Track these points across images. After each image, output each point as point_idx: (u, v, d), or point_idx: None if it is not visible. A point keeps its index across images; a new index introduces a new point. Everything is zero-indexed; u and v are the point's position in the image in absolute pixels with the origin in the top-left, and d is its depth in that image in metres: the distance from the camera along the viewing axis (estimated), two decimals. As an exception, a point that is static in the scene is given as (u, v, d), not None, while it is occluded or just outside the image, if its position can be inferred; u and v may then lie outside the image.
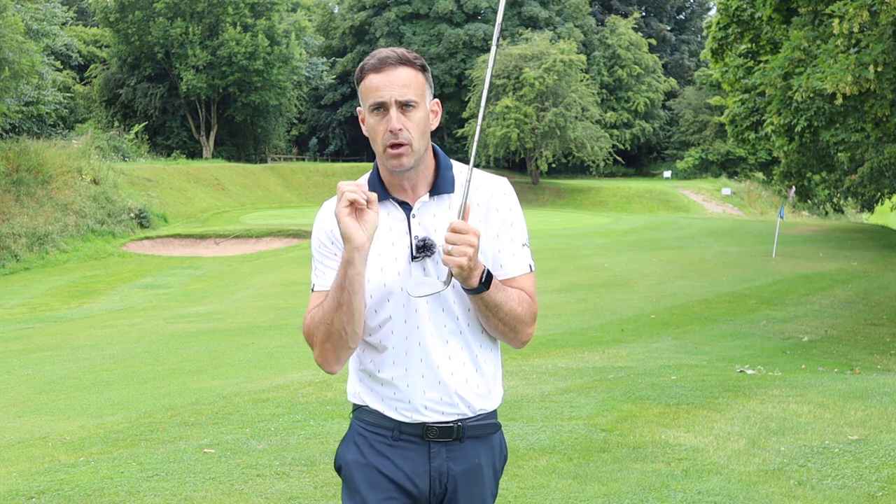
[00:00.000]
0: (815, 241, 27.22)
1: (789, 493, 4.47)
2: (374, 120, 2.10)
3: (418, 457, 2.19)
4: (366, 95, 2.11)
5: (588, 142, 49.45)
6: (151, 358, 10.64)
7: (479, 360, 2.21)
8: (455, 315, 2.16)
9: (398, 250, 2.14)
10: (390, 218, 2.16)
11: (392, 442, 2.20)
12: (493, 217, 2.17)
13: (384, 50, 2.12)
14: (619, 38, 62.55)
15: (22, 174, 29.25)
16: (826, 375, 8.25)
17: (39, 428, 6.59)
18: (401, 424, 2.19)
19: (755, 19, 14.56)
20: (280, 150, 61.28)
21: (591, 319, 12.90)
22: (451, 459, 2.20)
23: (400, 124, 2.06)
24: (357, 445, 2.24)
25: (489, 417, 2.25)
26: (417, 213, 2.16)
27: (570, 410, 6.30)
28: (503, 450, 2.34)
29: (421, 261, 2.13)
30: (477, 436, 2.23)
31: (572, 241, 26.57)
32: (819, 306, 14.56)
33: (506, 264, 2.19)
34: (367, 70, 2.10)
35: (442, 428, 2.18)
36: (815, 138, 15.05)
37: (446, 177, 2.19)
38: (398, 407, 2.19)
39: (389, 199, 2.17)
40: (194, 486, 4.75)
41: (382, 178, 2.19)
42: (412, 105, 2.09)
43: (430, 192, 2.17)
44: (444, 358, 2.16)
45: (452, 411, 2.18)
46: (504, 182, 2.23)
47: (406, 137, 2.07)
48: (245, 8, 48.88)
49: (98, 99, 54.03)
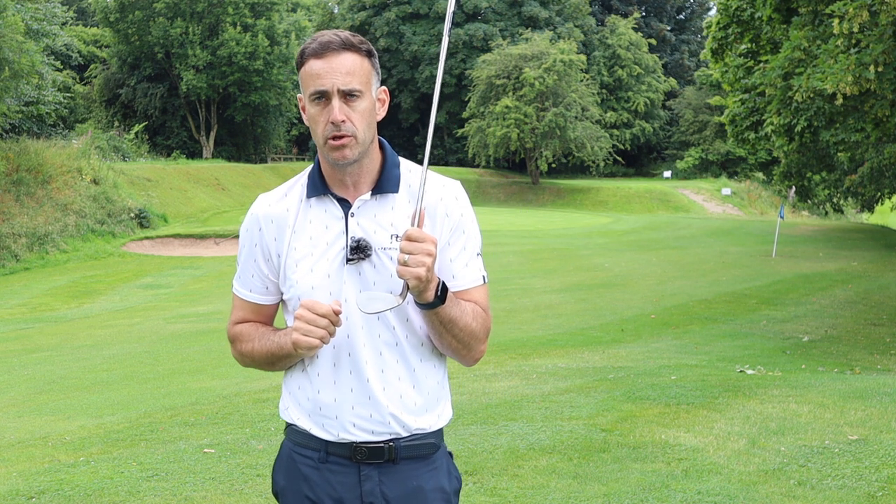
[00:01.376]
0: (815, 241, 27.22)
1: (789, 493, 4.47)
2: (315, 110, 1.93)
3: (348, 480, 2.00)
4: (306, 82, 1.93)
5: (588, 142, 49.45)
6: (151, 358, 10.64)
7: (417, 374, 2.01)
8: (391, 325, 1.97)
9: (332, 251, 1.97)
10: (327, 215, 2.00)
11: (318, 465, 2.02)
12: (442, 223, 1.99)
13: (327, 33, 1.94)
14: (619, 38, 62.55)
15: (22, 174, 29.24)
16: (826, 375, 8.25)
17: (39, 428, 6.59)
18: (328, 444, 2.00)
19: (755, 19, 14.55)
20: (280, 150, 61.28)
21: (591, 319, 12.90)
22: (384, 484, 1.99)
23: (343, 115, 1.90)
24: (286, 469, 2.08)
25: (429, 438, 2.03)
26: (356, 212, 1.98)
27: (570, 410, 6.30)
28: (454, 473, 2.10)
29: (356, 263, 1.95)
30: (413, 457, 2.01)
31: (572, 241, 26.57)
32: (819, 306, 14.56)
33: (458, 275, 2.01)
34: (307, 55, 1.93)
35: (372, 448, 1.98)
36: (815, 138, 15.05)
37: (391, 175, 2.01)
38: (325, 424, 2.00)
39: (328, 194, 2.00)
40: (194, 486, 4.75)
41: (323, 172, 2.02)
42: (356, 94, 1.92)
43: (372, 190, 1.99)
44: (376, 371, 1.97)
45: (383, 430, 1.98)
46: (456, 185, 2.05)
47: (349, 129, 1.91)
48: (245, 8, 48.87)
49: (98, 99, 54.02)
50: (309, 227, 2.01)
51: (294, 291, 2.00)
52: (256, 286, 2.10)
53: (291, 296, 2.02)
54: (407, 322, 1.98)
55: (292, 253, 2.01)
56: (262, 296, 2.10)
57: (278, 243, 2.03)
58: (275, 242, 2.03)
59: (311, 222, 2.01)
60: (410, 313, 1.97)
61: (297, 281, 1.99)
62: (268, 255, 2.05)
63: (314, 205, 2.02)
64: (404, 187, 2.02)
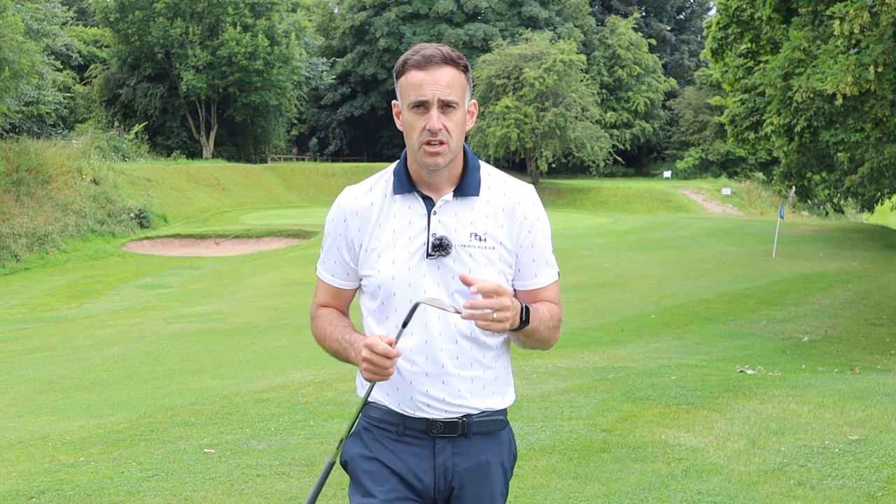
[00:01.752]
0: (815, 241, 27.21)
1: (789, 493, 4.47)
2: (413, 117, 2.08)
3: (423, 452, 2.16)
4: (406, 91, 2.09)
5: (588, 142, 49.42)
6: (151, 358, 10.64)
7: (487, 361, 2.18)
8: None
9: (413, 245, 2.13)
10: (411, 211, 2.15)
11: (397, 437, 2.17)
12: (520, 225, 2.16)
13: (429, 46, 2.10)
14: (619, 38, 62.53)
15: (22, 174, 29.24)
16: (826, 375, 8.25)
17: (39, 428, 6.59)
18: (405, 419, 2.17)
19: (755, 19, 14.55)
20: (280, 150, 61.27)
21: (591, 319, 12.89)
22: (456, 455, 2.17)
23: (440, 124, 2.06)
24: (362, 440, 2.22)
25: (497, 415, 2.22)
26: (439, 211, 2.13)
27: (570, 410, 6.30)
28: (512, 448, 2.30)
29: (436, 259, 2.11)
30: (484, 432, 2.19)
31: (572, 241, 26.56)
32: (819, 306, 14.56)
33: (540, 274, 2.20)
34: (410, 65, 2.08)
35: (447, 423, 2.15)
36: (815, 138, 15.04)
37: (473, 178, 2.17)
38: (401, 402, 2.16)
39: (414, 192, 2.16)
40: (194, 486, 4.75)
41: (410, 171, 2.18)
42: (453, 106, 2.08)
43: (454, 191, 2.15)
44: (450, 357, 2.13)
45: (455, 411, 2.15)
46: (532, 190, 2.23)
47: (445, 137, 2.07)
48: (245, 8, 48.87)
49: (98, 99, 54.02)
50: (393, 221, 2.16)
51: (375, 280, 2.16)
52: (338, 272, 2.26)
53: (371, 283, 2.17)
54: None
55: (375, 244, 2.16)
56: (343, 281, 2.27)
57: (362, 234, 2.19)
58: (358, 233, 2.19)
59: (395, 217, 2.16)
60: None
61: (379, 270, 2.14)
62: (351, 244, 2.20)
63: (399, 201, 2.17)
64: (484, 189, 2.18)
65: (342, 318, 2.27)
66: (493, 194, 2.18)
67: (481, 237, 2.13)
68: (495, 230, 2.14)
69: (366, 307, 2.24)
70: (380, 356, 2.00)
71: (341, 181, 43.15)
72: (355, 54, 61.87)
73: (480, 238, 2.13)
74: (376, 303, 2.18)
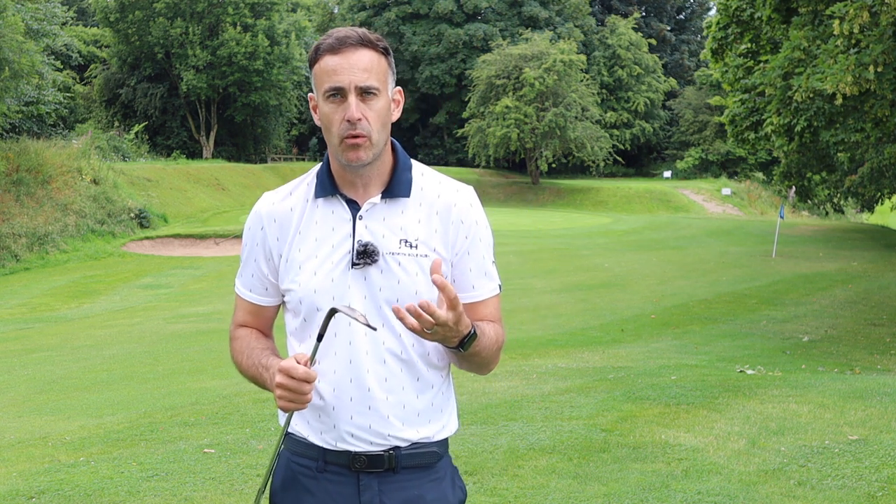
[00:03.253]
0: (815, 241, 27.21)
1: (789, 493, 4.47)
2: (330, 107, 1.85)
3: (346, 490, 1.92)
4: (320, 79, 1.86)
5: (588, 142, 49.41)
6: (151, 358, 10.64)
7: (422, 384, 1.93)
8: (397, 332, 1.89)
9: (337, 254, 1.90)
10: (334, 217, 1.92)
11: (316, 474, 1.95)
12: (456, 230, 1.92)
13: (343, 28, 1.88)
14: (619, 38, 62.53)
15: (22, 174, 29.23)
16: (826, 375, 8.25)
17: (39, 428, 6.59)
18: (325, 453, 1.93)
19: (755, 19, 14.55)
20: (280, 150, 61.26)
21: (591, 319, 12.90)
22: (383, 493, 1.92)
23: (359, 113, 1.83)
24: (283, 479, 2.01)
25: (431, 447, 1.96)
26: (365, 215, 1.90)
27: (570, 410, 6.30)
28: (457, 482, 2.02)
29: (362, 268, 1.88)
30: (415, 466, 1.94)
31: (572, 241, 26.56)
32: (819, 306, 14.56)
33: (478, 286, 1.95)
34: (322, 50, 1.85)
35: (371, 457, 1.91)
36: (815, 138, 15.04)
37: (403, 178, 1.94)
38: (323, 432, 1.93)
39: (337, 195, 1.93)
40: (194, 486, 4.75)
41: (333, 172, 1.95)
42: (373, 92, 1.84)
43: (382, 193, 1.92)
44: (378, 380, 1.89)
45: (382, 442, 1.90)
46: (470, 191, 1.98)
47: (365, 128, 1.83)
48: (245, 8, 48.85)
49: (98, 99, 54.01)
50: (315, 228, 1.93)
51: (296, 294, 1.93)
52: (256, 286, 2.04)
53: (293, 298, 1.95)
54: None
55: (296, 254, 1.94)
56: (261, 296, 2.05)
57: (280, 243, 1.96)
58: (277, 242, 1.96)
59: (318, 223, 1.93)
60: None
61: (300, 283, 1.92)
62: (269, 254, 1.98)
63: (321, 205, 1.94)
64: (416, 191, 1.94)
65: (261, 340, 2.04)
66: (426, 196, 1.94)
67: (412, 244, 1.89)
68: (428, 236, 1.90)
69: (289, 325, 2.01)
70: (297, 381, 1.76)
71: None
72: (355, 54, 61.88)
73: (411, 245, 1.89)
74: (298, 320, 1.95)
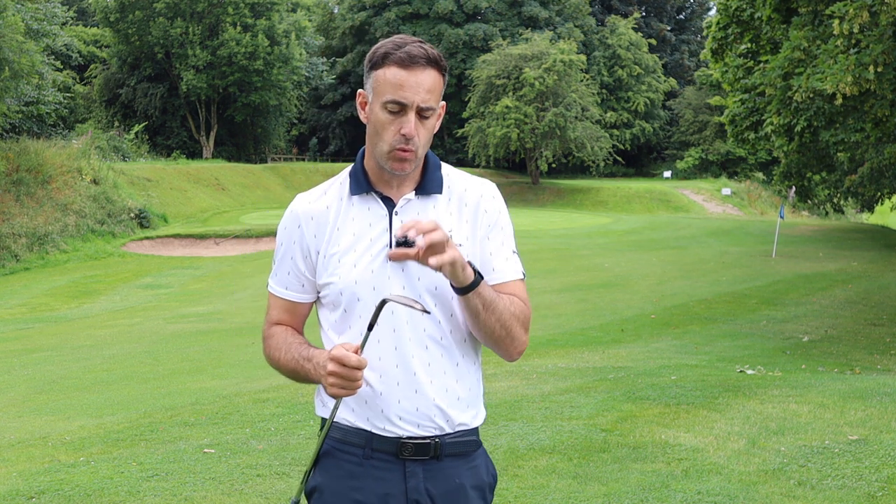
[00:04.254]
0: (815, 241, 27.22)
1: (789, 493, 4.47)
2: (386, 117, 1.95)
3: (392, 477, 2.00)
4: (383, 87, 1.95)
5: (588, 142, 49.41)
6: (151, 358, 10.64)
7: (460, 370, 2.04)
8: (437, 319, 2.01)
9: (375, 247, 2.01)
10: (371, 213, 2.03)
11: (362, 461, 2.02)
12: (482, 218, 2.06)
13: (411, 43, 1.96)
14: (619, 38, 62.54)
15: (22, 174, 29.24)
16: (826, 375, 8.25)
17: (39, 428, 6.59)
18: (373, 439, 2.01)
19: (755, 19, 14.55)
20: (280, 150, 61.27)
21: (591, 319, 12.90)
22: (428, 480, 2.01)
23: (416, 131, 1.94)
24: (325, 467, 2.06)
25: (470, 434, 2.08)
26: (400, 211, 2.02)
27: (570, 410, 6.30)
28: (490, 469, 2.14)
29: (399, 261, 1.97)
30: (457, 454, 2.05)
31: (572, 241, 26.56)
32: (819, 306, 14.57)
33: (497, 268, 2.05)
34: (391, 61, 1.94)
35: (417, 444, 2.00)
36: (814, 138, 15.05)
37: (434, 177, 2.06)
38: (370, 417, 2.01)
39: (372, 192, 2.04)
40: (194, 486, 4.75)
41: (367, 170, 2.06)
42: (430, 113, 1.97)
43: (416, 190, 2.05)
44: (422, 365, 1.99)
45: (429, 423, 2.01)
46: (492, 185, 2.13)
47: (416, 144, 1.95)
48: (245, 8, 48.86)
49: (98, 99, 54.02)
50: (352, 224, 2.04)
51: (336, 286, 2.02)
52: (292, 283, 2.12)
53: (332, 291, 2.03)
54: (451, 317, 2.02)
55: (334, 249, 2.03)
56: (297, 293, 2.13)
57: (318, 240, 2.06)
58: (314, 239, 2.07)
59: (354, 219, 2.04)
60: (455, 309, 2.01)
61: (340, 276, 2.01)
62: (306, 252, 2.08)
63: (357, 202, 2.05)
64: (445, 188, 2.08)
65: (297, 336, 2.12)
66: (455, 191, 2.08)
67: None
68: (459, 227, 2.04)
69: (326, 320, 2.09)
70: (349, 369, 1.85)
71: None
72: (355, 54, 61.87)
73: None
74: (338, 312, 2.04)
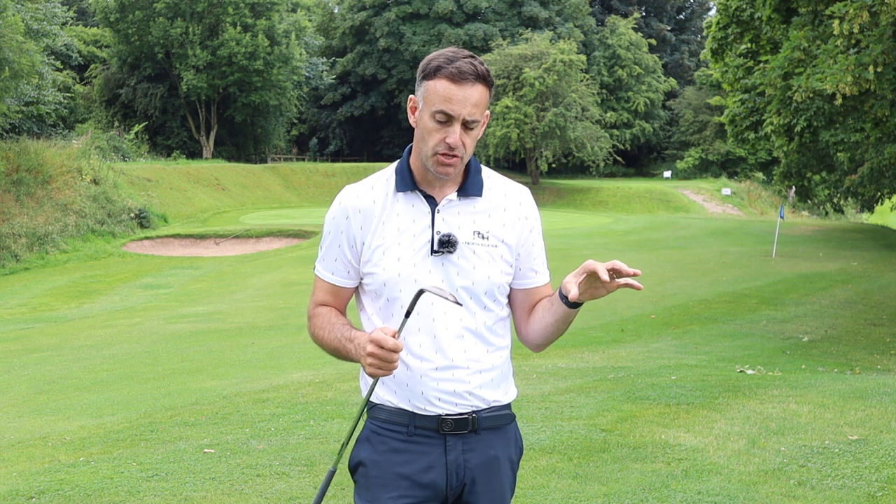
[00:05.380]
0: (815, 241, 27.22)
1: (789, 493, 4.47)
2: (434, 125, 2.10)
3: (434, 451, 2.18)
4: (433, 98, 2.10)
5: (588, 142, 49.41)
6: (151, 358, 10.64)
7: (493, 356, 2.22)
8: (472, 310, 2.19)
9: (418, 242, 2.16)
10: (415, 210, 2.19)
11: (406, 437, 2.19)
12: (522, 224, 2.24)
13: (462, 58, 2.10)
14: (619, 38, 62.53)
15: (22, 174, 29.24)
16: (826, 375, 8.25)
17: (39, 428, 6.59)
18: (415, 418, 2.18)
19: (755, 19, 14.56)
20: (280, 150, 61.27)
21: (591, 319, 12.89)
22: (467, 452, 2.20)
23: (460, 141, 2.10)
24: (371, 443, 2.23)
25: (504, 409, 2.27)
26: (442, 209, 2.18)
27: (570, 410, 6.30)
28: (518, 442, 2.34)
29: (441, 256, 2.15)
30: (492, 427, 2.24)
31: (572, 241, 26.55)
32: (819, 306, 14.57)
33: (540, 271, 2.28)
34: (442, 74, 2.09)
35: (457, 420, 2.18)
36: (814, 138, 15.05)
37: (476, 180, 2.22)
38: (411, 399, 2.18)
39: (416, 190, 2.19)
40: (194, 486, 4.75)
41: (413, 170, 2.21)
42: (475, 124, 2.12)
43: (458, 191, 2.20)
44: (458, 351, 2.17)
45: (465, 403, 2.19)
46: (528, 191, 2.30)
47: (460, 152, 2.11)
48: (245, 8, 48.85)
49: (98, 99, 54.01)
50: (396, 219, 2.18)
51: (380, 277, 2.17)
52: (339, 269, 2.26)
53: (375, 281, 2.19)
54: (485, 309, 2.20)
55: (379, 241, 2.18)
56: (342, 279, 2.27)
57: (364, 232, 2.20)
58: (361, 231, 2.20)
59: (399, 215, 2.19)
60: (488, 302, 2.21)
61: (384, 268, 2.17)
62: (352, 242, 2.22)
63: (402, 199, 2.20)
64: (485, 190, 2.24)
65: (340, 317, 2.28)
66: (495, 195, 2.24)
67: (484, 235, 2.19)
68: (497, 229, 2.20)
69: (368, 307, 2.25)
70: (387, 351, 2.00)
71: (341, 181, 43.15)
72: (355, 54, 61.86)
73: (483, 236, 2.19)
74: (380, 301, 2.20)
